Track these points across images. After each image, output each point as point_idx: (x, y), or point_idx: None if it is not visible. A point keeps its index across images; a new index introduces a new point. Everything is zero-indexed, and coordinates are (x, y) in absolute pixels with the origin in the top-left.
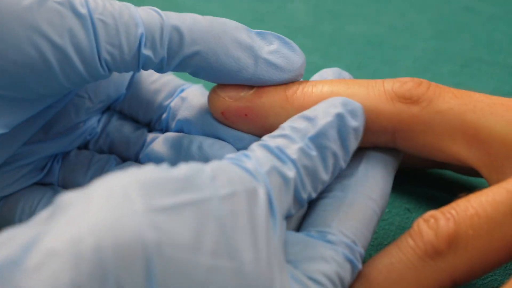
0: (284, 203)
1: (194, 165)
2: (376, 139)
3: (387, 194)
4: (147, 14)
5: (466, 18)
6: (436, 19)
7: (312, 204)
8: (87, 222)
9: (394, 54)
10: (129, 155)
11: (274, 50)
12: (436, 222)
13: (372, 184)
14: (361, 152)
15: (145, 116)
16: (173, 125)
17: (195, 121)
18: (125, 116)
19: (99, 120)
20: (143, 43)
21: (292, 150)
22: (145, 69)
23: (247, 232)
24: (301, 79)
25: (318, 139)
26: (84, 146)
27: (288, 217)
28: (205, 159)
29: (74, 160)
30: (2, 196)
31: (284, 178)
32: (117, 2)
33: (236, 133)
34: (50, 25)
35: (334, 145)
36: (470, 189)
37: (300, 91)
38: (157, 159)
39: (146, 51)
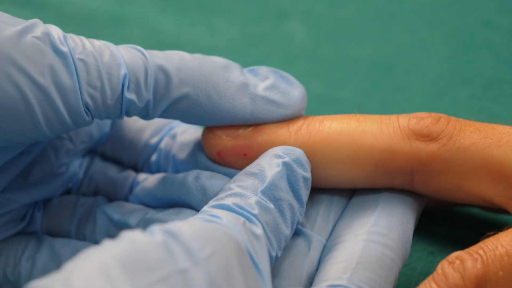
0: (263, 261)
1: (170, 227)
2: (391, 181)
3: (407, 241)
4: (129, 54)
5: (484, 33)
6: (451, 36)
7: (323, 255)
8: None
9: (406, 78)
10: (117, 198)
11: (270, 85)
12: (463, 264)
13: (388, 231)
14: (376, 197)
15: (130, 157)
16: (169, 168)
17: (193, 162)
18: (107, 158)
19: (80, 165)
20: (126, 86)
21: (250, 205)
22: (129, 115)
23: (242, 284)
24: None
25: (270, 192)
26: (67, 193)
27: (294, 275)
28: (203, 189)
29: (57, 205)
30: None
31: (255, 235)
32: (96, 41)
33: (227, 170)
34: (31, 62)
35: (287, 196)
36: (498, 227)
37: (306, 128)
38: (148, 198)
39: (130, 95)
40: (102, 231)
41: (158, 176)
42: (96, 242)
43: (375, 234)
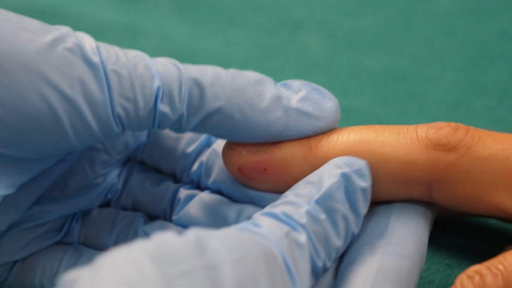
0: (302, 270)
1: (203, 232)
2: (409, 192)
3: (422, 250)
4: (164, 66)
5: (500, 44)
6: (467, 47)
7: (340, 270)
8: None
9: (421, 88)
10: (156, 213)
11: (303, 97)
12: (483, 279)
13: (404, 241)
14: (389, 207)
15: (167, 166)
16: (209, 182)
17: (234, 184)
18: (147, 166)
19: (119, 175)
20: (159, 98)
21: (300, 215)
22: (162, 127)
23: None
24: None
25: (324, 202)
26: (106, 204)
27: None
28: None
29: (96, 219)
30: (16, 259)
31: (297, 244)
32: (130, 51)
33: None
34: (60, 74)
35: (342, 207)
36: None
37: (325, 140)
38: (192, 224)
39: (163, 107)
40: None
41: (201, 203)
42: None
43: (391, 245)
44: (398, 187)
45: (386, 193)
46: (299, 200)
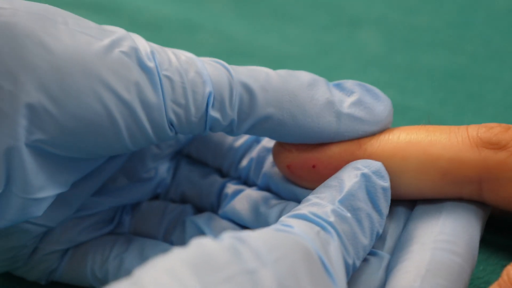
0: (337, 267)
1: (239, 234)
2: (459, 191)
3: (474, 248)
4: (215, 70)
5: None
6: None
7: (390, 268)
8: None
9: (480, 87)
10: (204, 206)
11: (356, 101)
12: None
13: (455, 238)
14: (440, 206)
15: (214, 160)
16: (257, 179)
17: (282, 181)
18: (193, 160)
19: (168, 170)
20: (210, 103)
21: (326, 214)
22: (213, 131)
23: None
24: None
25: (348, 201)
26: (155, 198)
27: (362, 281)
28: None
29: (146, 210)
30: (67, 247)
31: (329, 242)
32: (182, 55)
33: None
34: (117, 78)
35: (366, 206)
36: None
37: (376, 139)
38: (237, 218)
39: (214, 113)
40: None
41: (248, 199)
42: None
43: (442, 242)
44: (448, 185)
45: (436, 192)
46: (322, 201)
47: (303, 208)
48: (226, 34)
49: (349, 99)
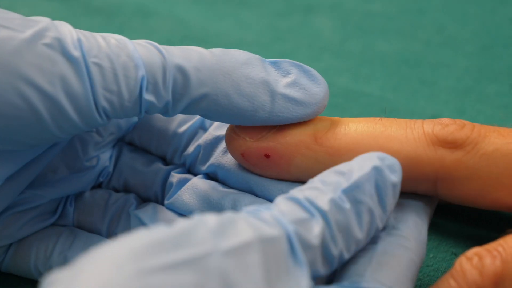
0: (313, 255)
1: (195, 219)
2: (415, 187)
3: (423, 242)
4: (147, 52)
5: None
6: (480, 33)
7: (341, 262)
8: None
9: (433, 74)
10: (148, 196)
11: (292, 82)
12: (481, 261)
13: (405, 232)
14: None
15: (158, 147)
16: (204, 167)
17: (233, 169)
18: (136, 148)
19: (110, 157)
20: (144, 87)
21: (323, 201)
22: (149, 113)
23: (260, 282)
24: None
25: (352, 193)
26: (97, 186)
27: (317, 278)
28: None
29: (89, 201)
30: (10, 242)
31: (309, 228)
32: (112, 38)
33: (280, 185)
34: (39, 72)
35: (370, 201)
36: None
37: (332, 132)
38: (185, 210)
39: (148, 96)
40: None
41: (194, 189)
42: None
43: (392, 235)
44: (404, 182)
45: None
46: (326, 187)
47: (303, 191)
48: (180, 20)
49: (284, 79)
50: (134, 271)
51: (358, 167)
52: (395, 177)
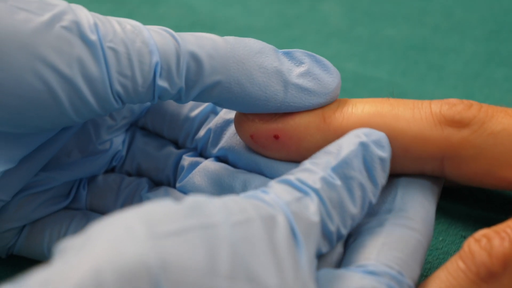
0: (311, 233)
1: (201, 197)
2: (422, 167)
3: (430, 223)
4: (162, 38)
5: None
6: (487, 18)
7: (348, 244)
8: (88, 258)
9: (441, 58)
10: (160, 179)
11: (305, 72)
12: (489, 242)
13: (411, 214)
14: (396, 181)
15: (170, 131)
16: (215, 150)
17: (243, 152)
18: (149, 132)
19: (123, 142)
20: (158, 73)
21: (314, 180)
22: (162, 99)
23: (268, 257)
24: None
25: (341, 169)
26: (111, 170)
27: (321, 256)
28: None
29: (102, 185)
30: (23, 224)
31: (307, 207)
32: (128, 24)
33: (290, 166)
34: (57, 54)
35: (359, 176)
36: None
37: (340, 112)
38: (197, 192)
39: (162, 82)
40: None
41: (206, 171)
42: None
43: (399, 217)
44: (411, 161)
45: (398, 167)
46: (315, 167)
47: (294, 173)
48: (189, 6)
49: (297, 69)
50: (146, 235)
51: (346, 145)
52: (382, 151)
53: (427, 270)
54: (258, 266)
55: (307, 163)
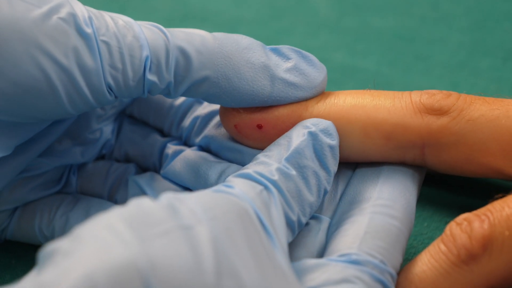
0: (277, 225)
1: (177, 195)
2: (403, 155)
3: (410, 212)
4: (152, 34)
5: (505, 6)
6: (473, 8)
7: (330, 233)
8: (79, 263)
9: (427, 49)
10: (147, 166)
11: (292, 67)
12: (470, 225)
13: (391, 203)
14: (378, 170)
15: (155, 120)
16: (198, 139)
17: (226, 141)
18: (136, 120)
19: (112, 131)
20: (147, 67)
21: (271, 172)
22: (152, 94)
23: (245, 251)
24: None
25: (294, 159)
26: (101, 158)
27: (303, 246)
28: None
29: (91, 170)
30: (17, 205)
31: (270, 200)
32: (120, 19)
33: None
34: (54, 43)
35: (312, 164)
36: (508, 191)
37: (322, 102)
38: (177, 179)
39: (151, 76)
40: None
41: (186, 160)
42: None
43: (380, 206)
44: (392, 150)
45: (380, 155)
46: (269, 160)
47: (250, 167)
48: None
49: (284, 64)
50: (133, 237)
51: (295, 136)
52: (330, 139)
53: (412, 255)
54: (238, 260)
55: (260, 156)
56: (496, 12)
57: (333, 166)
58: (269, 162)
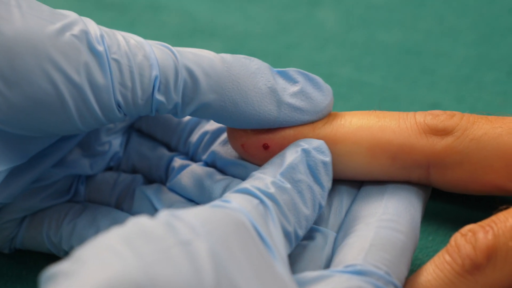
0: (276, 237)
1: (175, 211)
2: (408, 175)
3: (415, 227)
4: (162, 54)
5: (510, 20)
6: (478, 23)
7: (336, 246)
8: (80, 284)
9: (433, 63)
10: (154, 178)
11: (298, 91)
12: (474, 236)
13: (397, 218)
14: (383, 187)
15: (163, 135)
16: (204, 155)
17: (231, 159)
18: (143, 133)
19: (121, 144)
20: (156, 87)
21: (266, 185)
22: (160, 113)
23: (244, 262)
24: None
25: (288, 174)
26: (109, 169)
27: (309, 258)
28: None
29: (99, 180)
30: (27, 214)
31: (267, 213)
32: (132, 39)
33: None
34: (67, 59)
35: (306, 178)
36: None
37: (329, 124)
38: (183, 192)
39: (160, 96)
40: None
41: (192, 174)
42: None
43: (385, 221)
44: (398, 169)
45: (386, 175)
46: (264, 175)
47: (247, 183)
48: (189, 14)
49: (291, 88)
50: (133, 257)
51: (289, 153)
52: (323, 156)
53: (417, 266)
54: (237, 271)
55: (256, 173)
56: (501, 27)
57: (327, 182)
58: (264, 177)
